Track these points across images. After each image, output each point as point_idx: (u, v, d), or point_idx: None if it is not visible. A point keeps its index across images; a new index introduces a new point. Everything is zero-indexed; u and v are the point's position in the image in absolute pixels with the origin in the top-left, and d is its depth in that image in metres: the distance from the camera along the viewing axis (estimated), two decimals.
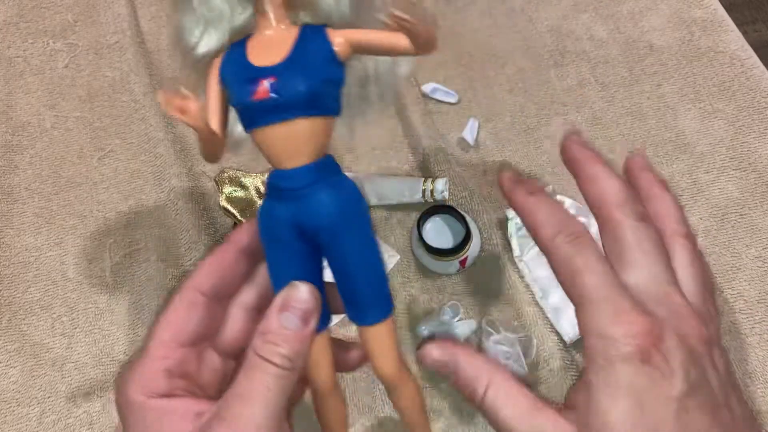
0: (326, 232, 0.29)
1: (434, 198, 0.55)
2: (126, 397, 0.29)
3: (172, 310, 0.31)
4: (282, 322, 0.28)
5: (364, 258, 0.30)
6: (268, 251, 0.30)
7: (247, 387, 0.27)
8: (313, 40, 0.29)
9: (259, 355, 0.27)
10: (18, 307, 0.56)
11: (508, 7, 0.68)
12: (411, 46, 0.28)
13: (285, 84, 0.28)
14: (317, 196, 0.28)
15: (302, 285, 0.29)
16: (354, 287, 0.30)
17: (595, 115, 0.61)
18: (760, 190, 0.56)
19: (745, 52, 0.63)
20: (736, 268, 0.53)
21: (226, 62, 0.30)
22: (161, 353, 0.30)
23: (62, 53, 0.69)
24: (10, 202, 0.60)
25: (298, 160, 0.29)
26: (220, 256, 0.32)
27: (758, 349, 0.50)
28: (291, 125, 0.28)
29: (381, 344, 0.31)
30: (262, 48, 0.29)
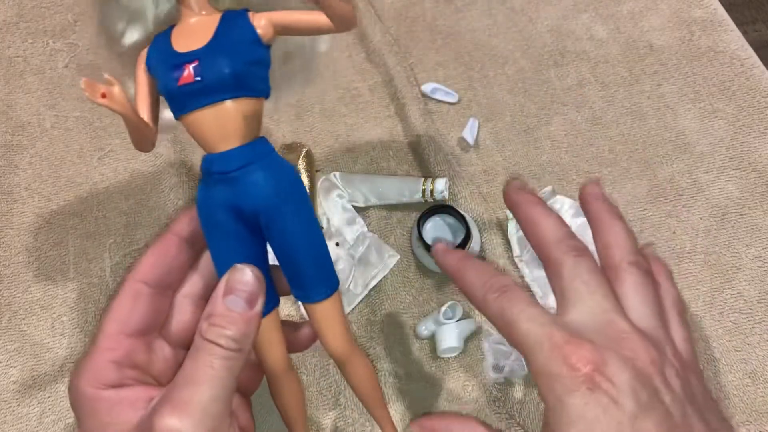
0: (264, 212, 0.29)
1: (434, 198, 0.55)
2: (77, 391, 0.29)
3: (116, 303, 0.31)
4: (227, 305, 0.28)
5: (304, 236, 0.30)
6: (209, 237, 0.30)
7: (193, 369, 0.27)
8: (235, 23, 0.29)
9: (204, 337, 0.28)
10: (18, 307, 0.56)
11: (508, 7, 0.68)
12: (331, 24, 0.29)
13: (209, 67, 0.28)
14: (251, 178, 0.29)
15: (245, 267, 0.29)
16: (297, 266, 0.30)
17: (595, 115, 0.61)
18: (760, 190, 0.56)
19: (745, 52, 0.63)
20: (736, 268, 0.53)
21: (152, 52, 0.30)
22: (108, 345, 0.30)
23: (62, 53, 0.68)
24: (10, 202, 0.60)
25: (229, 142, 0.29)
26: (162, 247, 0.32)
27: (758, 349, 0.50)
28: (219, 108, 0.28)
29: (329, 320, 0.31)
30: (185, 35, 0.29)
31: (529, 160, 0.59)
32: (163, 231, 0.33)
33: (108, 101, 0.28)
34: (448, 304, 0.52)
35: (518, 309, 0.30)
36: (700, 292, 0.53)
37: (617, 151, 0.59)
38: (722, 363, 0.50)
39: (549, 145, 0.60)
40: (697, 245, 0.54)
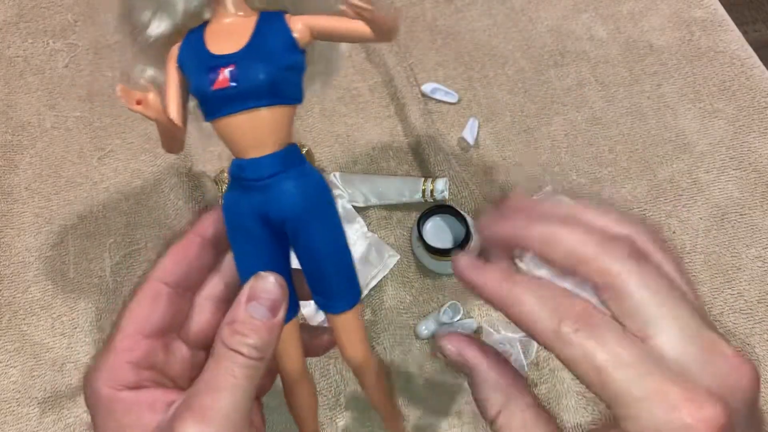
0: (292, 221, 0.29)
1: (434, 198, 0.55)
2: (94, 391, 0.29)
3: (136, 303, 0.31)
4: (250, 312, 0.28)
5: (331, 247, 0.29)
6: (234, 242, 0.30)
7: (214, 377, 0.27)
8: (272, 27, 0.29)
9: (226, 345, 0.27)
10: (18, 307, 0.56)
11: (508, 7, 0.68)
12: (372, 34, 0.28)
13: (245, 72, 0.27)
14: (282, 186, 0.28)
15: (269, 275, 0.29)
16: (322, 277, 0.30)
17: (595, 115, 0.61)
18: (760, 190, 0.56)
19: (745, 52, 0.63)
20: (736, 268, 0.53)
21: (185, 49, 0.29)
22: (126, 345, 0.30)
23: (62, 53, 0.68)
24: (10, 202, 0.60)
25: (261, 149, 0.28)
26: (184, 247, 0.32)
27: (758, 348, 0.50)
28: (252, 114, 0.28)
29: (350, 332, 0.31)
30: (220, 36, 0.29)
31: (529, 160, 0.59)
32: (186, 231, 0.32)
33: (143, 108, 0.27)
34: (448, 304, 0.52)
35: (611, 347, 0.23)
36: (700, 292, 0.52)
37: (617, 151, 0.59)
38: None
39: (549, 145, 0.60)
40: (697, 245, 0.54)
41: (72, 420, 0.51)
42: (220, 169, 0.55)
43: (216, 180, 0.54)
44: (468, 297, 0.54)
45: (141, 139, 0.63)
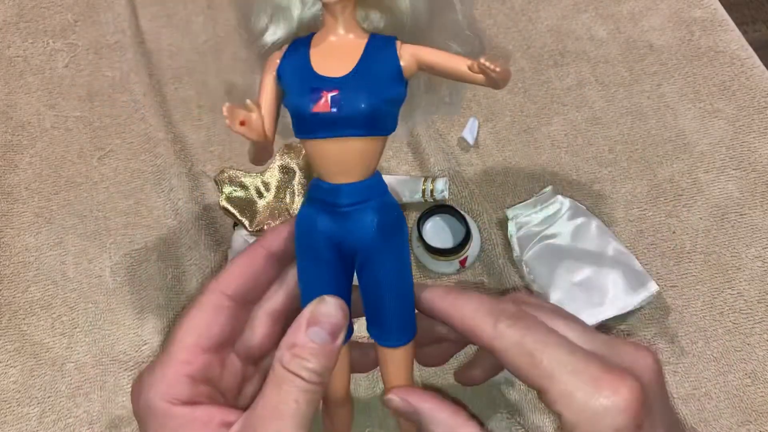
0: (365, 252, 0.28)
1: (434, 198, 0.55)
2: (147, 403, 0.28)
3: (196, 313, 0.30)
4: (310, 336, 0.27)
5: (396, 284, 0.29)
6: (302, 260, 0.30)
7: (276, 401, 0.27)
8: (381, 53, 0.28)
9: (287, 368, 0.27)
10: (18, 307, 0.56)
11: (508, 7, 0.68)
12: (484, 81, 0.28)
13: (347, 100, 0.27)
14: (363, 217, 0.28)
15: (332, 300, 0.28)
16: (382, 310, 0.30)
17: (595, 115, 0.61)
18: (760, 190, 0.56)
19: (745, 51, 0.63)
20: (736, 268, 0.53)
21: (287, 63, 0.28)
22: (184, 358, 0.29)
23: (62, 53, 0.69)
24: (10, 202, 0.60)
25: (347, 177, 0.28)
26: (250, 259, 0.31)
27: (758, 349, 0.50)
28: (345, 142, 0.27)
29: (399, 367, 0.31)
30: (327, 54, 0.28)
31: (529, 160, 0.59)
32: (253, 243, 0.32)
33: (246, 130, 0.27)
34: None
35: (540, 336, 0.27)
36: (700, 292, 0.53)
37: (617, 151, 0.59)
38: (722, 363, 0.50)
39: (549, 145, 0.60)
40: (697, 245, 0.54)
41: (72, 420, 0.51)
42: (220, 170, 0.55)
43: (216, 180, 0.54)
44: None
45: (141, 139, 0.63)
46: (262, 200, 0.54)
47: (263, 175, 0.54)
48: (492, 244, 0.55)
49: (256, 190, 0.54)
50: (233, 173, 0.54)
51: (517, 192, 0.58)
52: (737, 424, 0.48)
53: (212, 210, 0.59)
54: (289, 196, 0.54)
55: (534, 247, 0.53)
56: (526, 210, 0.53)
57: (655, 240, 0.55)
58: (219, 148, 0.62)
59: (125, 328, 0.54)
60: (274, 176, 0.54)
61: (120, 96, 0.65)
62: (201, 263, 0.56)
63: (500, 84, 0.28)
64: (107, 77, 0.67)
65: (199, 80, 0.66)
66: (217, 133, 0.63)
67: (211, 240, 0.57)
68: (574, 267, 0.52)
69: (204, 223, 0.58)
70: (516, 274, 0.54)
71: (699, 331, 0.51)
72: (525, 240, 0.53)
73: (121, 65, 0.67)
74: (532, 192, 0.56)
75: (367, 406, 0.51)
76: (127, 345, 0.54)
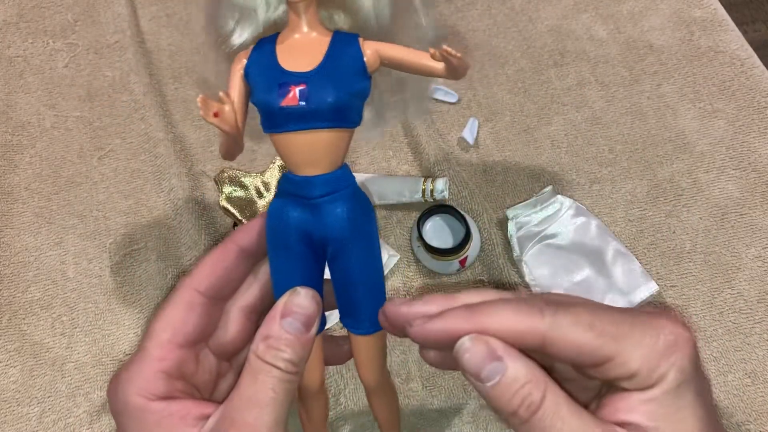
0: (335, 243, 0.29)
1: (434, 198, 0.55)
2: (124, 399, 0.29)
3: (170, 310, 0.30)
4: (284, 327, 0.28)
5: (367, 272, 0.30)
6: (273, 253, 0.30)
7: (253, 391, 0.27)
8: (346, 49, 0.29)
9: (262, 359, 0.27)
10: (18, 306, 0.56)
11: (508, 7, 0.68)
12: (443, 71, 0.28)
13: (315, 93, 0.27)
14: (332, 208, 0.29)
15: (304, 290, 0.29)
16: (354, 298, 0.30)
17: (595, 115, 0.61)
18: (760, 190, 0.56)
19: (745, 51, 0.63)
20: (736, 268, 0.53)
21: (254, 61, 0.29)
22: (159, 354, 0.29)
23: (62, 53, 0.69)
24: (10, 201, 0.60)
25: (315, 168, 0.29)
26: (221, 256, 0.31)
27: (758, 349, 0.50)
28: (313, 135, 0.28)
29: (371, 354, 0.31)
30: (293, 51, 0.29)
31: (529, 160, 0.59)
32: (224, 240, 0.32)
33: (219, 121, 0.28)
34: None
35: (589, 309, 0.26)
36: (700, 292, 0.53)
37: (617, 151, 0.59)
38: (722, 363, 0.50)
39: (549, 145, 0.60)
40: (697, 245, 0.54)
41: (72, 420, 0.51)
42: (220, 169, 0.55)
43: (216, 180, 0.54)
44: None
45: (141, 139, 0.63)
46: (261, 200, 0.54)
47: (263, 175, 0.54)
48: (492, 244, 0.55)
49: (255, 190, 0.54)
50: (233, 173, 0.54)
51: (517, 192, 0.58)
52: (737, 424, 0.48)
53: (212, 210, 0.59)
54: None
55: (534, 247, 0.53)
56: (526, 210, 0.53)
57: (655, 240, 0.55)
58: None
59: (125, 328, 0.54)
60: (273, 176, 0.54)
61: (120, 96, 0.65)
62: None
63: (459, 73, 0.28)
64: (107, 77, 0.67)
65: (199, 80, 0.66)
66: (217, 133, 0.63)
67: (211, 240, 0.57)
68: (574, 267, 0.52)
69: (204, 223, 0.58)
70: (516, 274, 0.54)
71: (699, 331, 0.51)
72: (525, 240, 0.53)
73: (121, 65, 0.67)
74: (532, 192, 0.56)
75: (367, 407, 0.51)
76: (127, 345, 0.54)
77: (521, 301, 0.27)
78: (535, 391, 0.25)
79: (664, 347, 0.25)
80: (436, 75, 0.29)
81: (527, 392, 0.25)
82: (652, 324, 0.26)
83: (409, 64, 0.29)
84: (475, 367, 0.25)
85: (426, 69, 0.29)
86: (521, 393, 0.25)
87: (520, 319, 0.26)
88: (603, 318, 0.26)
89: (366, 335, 0.31)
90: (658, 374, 0.25)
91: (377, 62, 0.29)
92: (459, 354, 0.26)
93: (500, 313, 0.26)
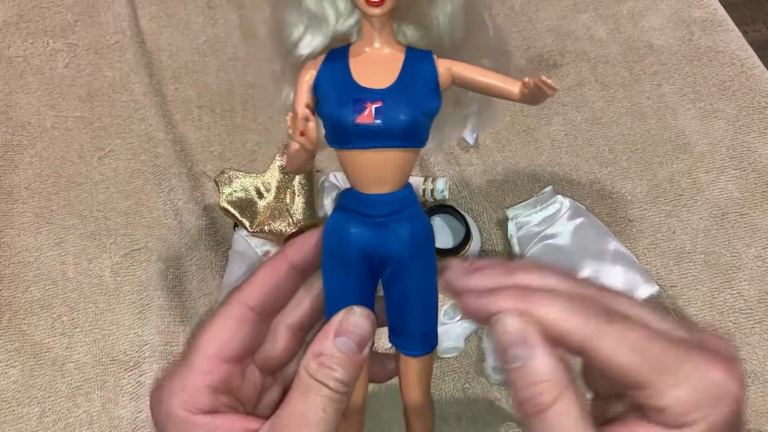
0: (396, 264, 0.29)
1: (434, 198, 0.55)
2: (168, 411, 0.28)
3: (219, 324, 0.30)
4: (338, 346, 0.28)
5: (424, 293, 0.30)
6: (329, 269, 0.30)
7: (303, 409, 0.27)
8: (420, 67, 0.28)
9: (314, 377, 0.27)
10: (18, 306, 0.56)
11: (508, 7, 0.68)
12: (518, 95, 0.28)
13: (390, 111, 0.27)
14: (396, 228, 0.28)
15: (360, 309, 0.29)
16: (407, 320, 0.30)
17: (595, 115, 0.61)
18: (760, 190, 0.56)
19: (745, 52, 0.63)
20: (736, 268, 0.53)
21: (326, 73, 0.29)
22: (206, 368, 0.29)
23: (62, 53, 0.69)
24: (10, 201, 0.60)
25: (382, 187, 0.28)
26: (273, 271, 0.31)
27: (758, 349, 0.50)
28: (383, 154, 0.28)
29: (418, 376, 0.31)
30: (367, 67, 0.28)
31: (529, 160, 0.59)
32: (275, 255, 0.32)
33: (305, 139, 0.27)
34: (448, 303, 0.52)
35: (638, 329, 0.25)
36: (700, 292, 0.53)
37: (617, 151, 0.59)
38: None
39: (549, 145, 0.60)
40: (697, 245, 0.54)
41: (72, 420, 0.51)
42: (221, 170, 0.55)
43: (216, 181, 0.54)
44: None
45: (141, 139, 0.63)
46: (262, 201, 0.54)
47: (263, 176, 0.54)
48: (492, 244, 0.55)
49: (256, 190, 0.54)
50: (233, 174, 0.54)
51: (517, 192, 0.58)
52: None
53: (212, 210, 0.59)
54: (290, 197, 0.54)
55: (534, 247, 0.53)
56: (526, 210, 0.53)
57: (655, 240, 0.55)
58: (219, 148, 0.62)
59: (125, 328, 0.54)
60: (274, 176, 0.54)
61: (120, 96, 0.65)
62: (201, 263, 0.56)
63: (539, 101, 0.27)
64: (107, 77, 0.67)
65: (199, 80, 0.66)
66: (217, 133, 0.63)
67: (211, 240, 0.57)
68: (574, 267, 0.52)
69: (204, 223, 0.58)
70: None
71: None
72: (525, 240, 0.53)
73: (121, 65, 0.67)
74: (532, 192, 0.56)
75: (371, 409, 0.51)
76: (127, 345, 0.54)
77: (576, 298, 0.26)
78: (549, 392, 0.24)
79: (705, 396, 0.24)
80: (511, 99, 0.28)
81: (540, 391, 0.25)
82: (705, 367, 0.24)
83: (482, 85, 0.28)
84: (505, 344, 0.25)
85: (500, 91, 0.28)
86: (535, 389, 0.25)
87: (567, 318, 0.25)
88: (653, 344, 0.24)
89: (417, 357, 0.30)
90: (688, 420, 0.24)
91: (449, 81, 0.29)
92: (496, 326, 0.26)
93: (550, 305, 0.25)
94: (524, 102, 0.28)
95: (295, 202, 0.53)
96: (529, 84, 0.27)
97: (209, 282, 0.56)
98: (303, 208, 0.53)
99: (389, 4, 0.27)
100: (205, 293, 0.55)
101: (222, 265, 0.56)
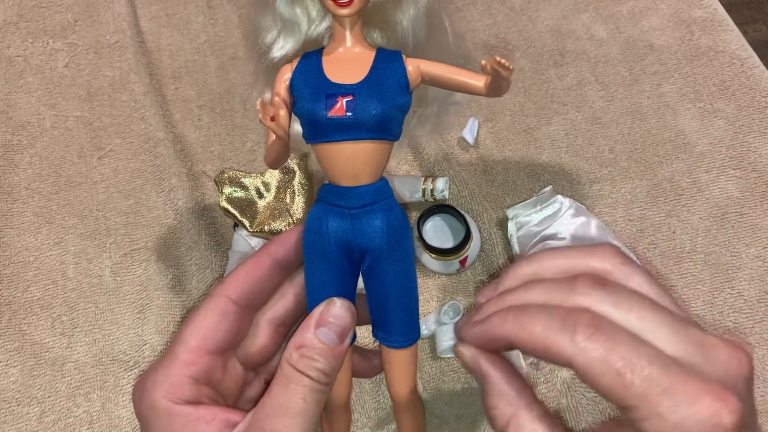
0: (373, 254, 0.29)
1: (434, 198, 0.55)
2: (151, 401, 0.29)
3: (202, 316, 0.31)
4: (319, 337, 0.28)
5: (402, 284, 0.30)
6: (309, 262, 0.30)
7: (284, 399, 0.27)
8: (389, 64, 0.30)
9: (295, 367, 0.28)
10: (18, 306, 0.56)
11: (508, 7, 0.68)
12: (483, 89, 0.29)
13: (361, 104, 0.28)
14: (372, 219, 0.29)
15: (340, 301, 0.29)
16: (387, 311, 0.30)
17: (595, 115, 0.61)
18: (760, 190, 0.56)
19: (745, 51, 0.63)
20: (736, 267, 0.53)
21: (301, 72, 0.30)
22: (188, 359, 0.29)
23: (62, 53, 0.68)
24: (10, 201, 0.60)
25: (357, 180, 0.29)
26: (256, 266, 0.32)
27: (758, 349, 0.50)
28: (357, 146, 0.29)
29: (402, 368, 0.31)
30: (339, 65, 0.29)
31: (529, 160, 0.59)
32: (259, 250, 0.32)
33: (275, 125, 0.28)
34: (448, 304, 0.52)
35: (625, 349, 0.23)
36: (700, 292, 0.53)
37: (617, 151, 0.59)
38: None
39: (549, 144, 0.60)
40: (697, 245, 0.54)
41: (72, 420, 0.51)
42: (221, 170, 0.55)
43: (216, 180, 0.54)
44: (468, 297, 0.54)
45: (141, 139, 0.63)
46: (262, 200, 0.54)
47: (263, 176, 0.54)
48: (492, 244, 0.55)
49: (256, 190, 0.54)
50: (233, 174, 0.54)
51: (517, 192, 0.58)
52: None
53: (212, 210, 0.59)
54: (289, 196, 0.54)
55: (534, 247, 0.53)
56: (526, 210, 0.53)
57: (655, 240, 0.55)
58: (219, 148, 0.62)
59: (125, 328, 0.54)
60: (274, 176, 0.54)
61: (120, 96, 0.65)
62: (201, 263, 0.56)
63: (503, 89, 0.29)
64: (107, 77, 0.67)
65: (199, 80, 0.66)
66: (217, 133, 0.63)
67: (211, 240, 0.57)
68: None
69: (204, 223, 0.58)
70: None
71: None
72: (525, 240, 0.53)
73: (121, 65, 0.67)
74: (532, 192, 0.56)
75: (367, 406, 0.51)
76: (127, 345, 0.54)
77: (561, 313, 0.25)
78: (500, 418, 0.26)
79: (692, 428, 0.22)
80: (476, 93, 0.29)
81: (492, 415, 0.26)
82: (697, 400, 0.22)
83: (450, 81, 0.30)
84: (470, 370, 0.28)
85: (466, 86, 0.29)
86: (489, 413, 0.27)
87: (549, 337, 0.25)
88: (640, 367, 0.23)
89: (399, 348, 0.31)
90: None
91: (419, 78, 0.30)
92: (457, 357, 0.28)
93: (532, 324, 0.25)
94: (489, 95, 0.29)
95: (295, 202, 0.53)
96: (486, 67, 0.28)
97: (209, 282, 0.56)
98: (303, 207, 0.53)
99: (356, 5, 0.29)
100: (205, 293, 0.55)
101: (222, 265, 0.56)
